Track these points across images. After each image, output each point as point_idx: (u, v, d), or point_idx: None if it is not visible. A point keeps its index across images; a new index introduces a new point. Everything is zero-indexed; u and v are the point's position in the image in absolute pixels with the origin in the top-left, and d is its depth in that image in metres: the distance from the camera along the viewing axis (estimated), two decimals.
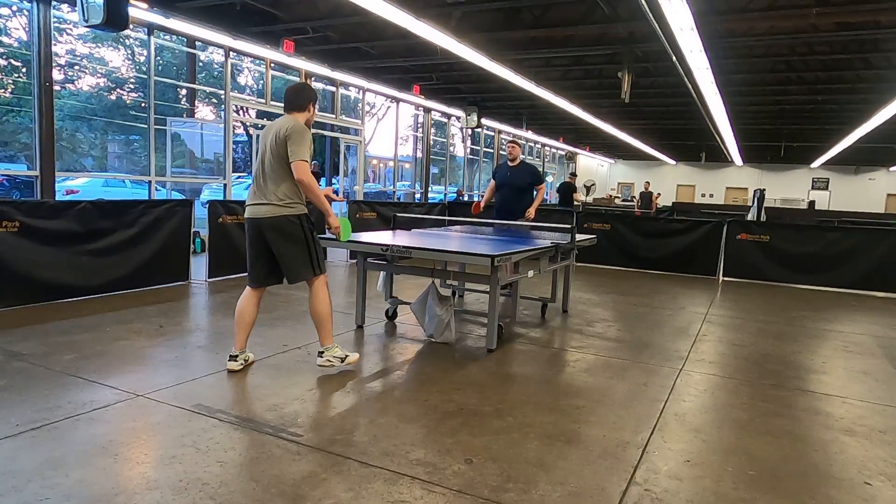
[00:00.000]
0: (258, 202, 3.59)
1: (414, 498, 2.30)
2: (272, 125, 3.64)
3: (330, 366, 3.72)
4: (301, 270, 3.64)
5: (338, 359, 3.74)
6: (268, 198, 3.55)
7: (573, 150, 27.45)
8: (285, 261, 3.63)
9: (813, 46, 9.67)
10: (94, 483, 2.30)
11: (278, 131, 3.52)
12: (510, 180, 6.32)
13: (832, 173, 28.13)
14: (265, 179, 3.58)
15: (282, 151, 3.49)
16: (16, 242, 5.01)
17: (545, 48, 10.13)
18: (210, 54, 20.37)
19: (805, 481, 2.60)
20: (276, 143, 3.51)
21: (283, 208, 3.54)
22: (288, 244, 3.59)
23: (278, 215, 3.54)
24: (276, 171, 3.53)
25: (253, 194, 3.63)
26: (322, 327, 3.71)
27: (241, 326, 3.73)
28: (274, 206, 3.54)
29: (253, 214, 3.61)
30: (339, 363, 3.73)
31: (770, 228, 8.96)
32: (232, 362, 3.68)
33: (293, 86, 3.86)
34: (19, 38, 19.03)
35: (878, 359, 4.76)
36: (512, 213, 6.20)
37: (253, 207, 3.62)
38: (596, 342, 4.87)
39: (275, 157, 3.53)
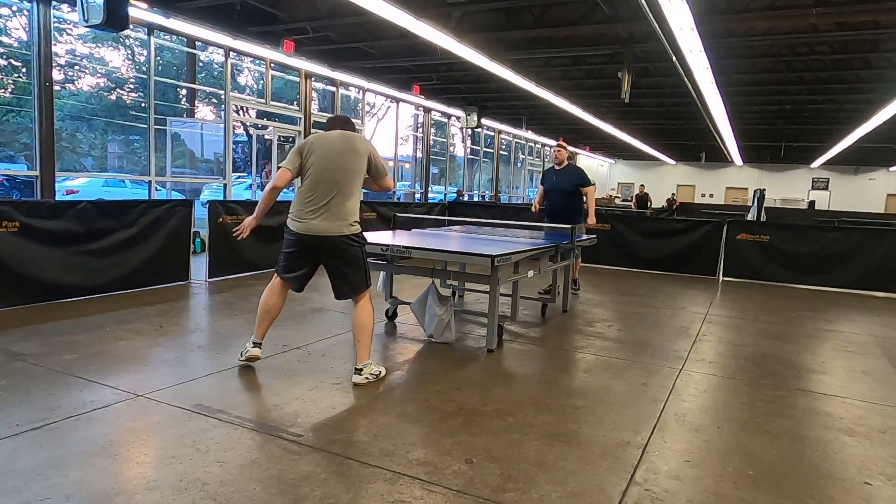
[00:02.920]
0: (323, 219, 3.46)
1: (414, 498, 2.30)
2: (339, 138, 3.56)
3: (367, 383, 3.53)
4: (359, 286, 3.59)
5: (374, 375, 3.59)
6: (337, 216, 3.47)
7: (573, 150, 27.43)
8: (348, 279, 3.57)
9: (813, 46, 9.67)
10: (94, 483, 2.30)
11: (354, 145, 3.51)
12: (557, 184, 6.43)
13: (832, 173, 28.12)
14: (334, 196, 3.46)
15: (360, 167, 3.49)
16: (16, 242, 5.01)
17: (545, 48, 10.13)
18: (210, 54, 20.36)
19: (805, 481, 2.60)
20: (354, 158, 3.49)
21: (351, 227, 3.51)
22: (350, 263, 3.54)
23: (346, 234, 3.48)
24: (347, 188, 3.47)
25: (314, 210, 3.47)
26: (362, 341, 3.58)
27: (266, 319, 3.74)
28: (343, 223, 3.48)
29: (315, 231, 3.48)
30: (374, 379, 3.58)
31: (770, 228, 8.96)
32: (256, 349, 3.73)
33: (343, 116, 3.95)
34: (19, 38, 19.02)
35: (878, 359, 4.76)
36: (562, 215, 6.18)
37: (316, 223, 3.47)
38: (596, 342, 4.87)
39: (348, 172, 3.48)
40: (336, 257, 3.53)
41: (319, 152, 3.50)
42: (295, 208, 3.56)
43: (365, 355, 3.57)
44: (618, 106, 14.57)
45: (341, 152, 3.50)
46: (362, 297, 3.60)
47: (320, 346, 4.33)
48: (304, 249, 3.57)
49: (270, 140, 12.30)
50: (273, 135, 11.94)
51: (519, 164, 23.88)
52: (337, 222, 3.46)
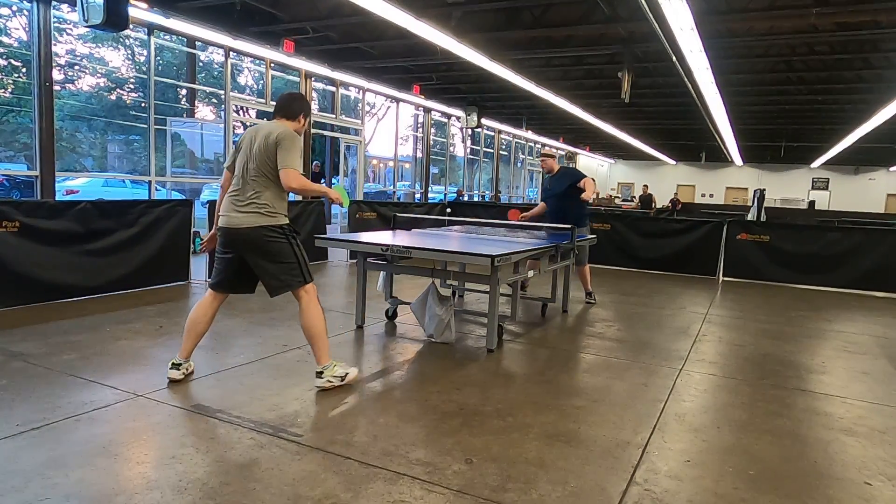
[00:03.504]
0: (235, 211, 3.32)
1: (414, 498, 2.30)
2: (258, 129, 3.42)
3: (331, 386, 3.40)
4: (286, 280, 3.36)
5: (338, 378, 3.43)
6: (246, 207, 3.29)
7: (573, 150, 27.44)
8: (267, 273, 3.35)
9: (813, 46, 9.68)
10: (94, 483, 2.30)
11: (267, 136, 3.30)
12: (551, 191, 6.36)
13: (832, 173, 28.14)
14: (244, 186, 3.33)
15: (269, 157, 3.28)
16: (16, 242, 5.01)
17: (545, 48, 10.14)
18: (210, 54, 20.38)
19: (805, 481, 2.60)
20: (264, 149, 3.29)
21: (263, 217, 3.28)
22: (270, 256, 3.33)
23: (258, 225, 3.28)
24: (258, 179, 3.30)
25: (228, 202, 3.37)
26: (316, 345, 3.40)
27: (191, 335, 3.47)
28: (253, 214, 3.28)
29: (229, 224, 3.32)
30: (338, 382, 3.43)
31: (770, 228, 8.96)
32: (174, 371, 3.43)
33: (288, 93, 3.71)
34: (19, 38, 19.02)
35: (878, 359, 4.76)
36: (564, 220, 5.90)
37: (229, 217, 3.33)
38: (596, 342, 4.87)
39: (258, 162, 3.30)
40: (256, 253, 3.33)
41: (242, 145, 3.43)
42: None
43: (322, 357, 3.41)
44: (618, 106, 14.58)
45: (254, 141, 3.34)
46: (302, 295, 3.39)
47: None
48: (227, 246, 3.40)
49: None
50: None
51: (519, 164, 23.89)
52: (252, 214, 3.27)
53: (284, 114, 3.49)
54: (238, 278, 3.47)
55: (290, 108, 3.51)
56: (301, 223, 7.90)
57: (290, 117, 3.49)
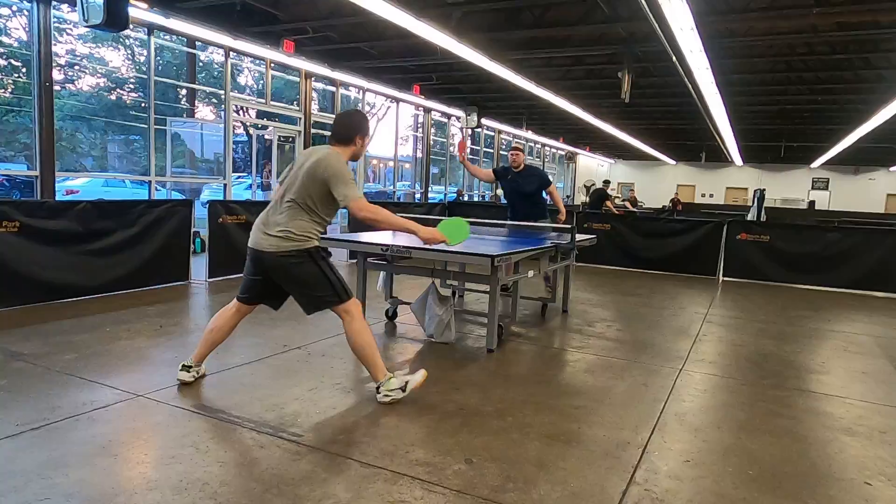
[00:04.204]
0: (262, 232, 3.16)
1: (414, 498, 2.30)
2: (312, 152, 3.22)
3: (391, 401, 3.21)
4: (318, 301, 3.20)
5: (398, 390, 3.22)
6: (273, 229, 3.12)
7: (573, 150, 27.44)
8: (297, 294, 3.25)
9: (813, 46, 9.68)
10: (94, 483, 2.30)
11: (316, 163, 3.09)
12: (520, 187, 6.33)
13: (832, 173, 28.14)
14: (276, 207, 3.18)
15: (312, 186, 3.09)
16: (16, 242, 5.01)
17: (545, 48, 10.13)
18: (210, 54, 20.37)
19: (805, 481, 2.60)
20: (309, 176, 3.08)
21: (287, 241, 3.09)
22: (295, 280, 3.17)
23: (281, 251, 3.09)
24: (293, 204, 3.12)
25: (262, 223, 3.20)
26: (366, 363, 3.24)
27: (207, 342, 3.38)
28: (277, 238, 3.09)
29: (254, 245, 3.18)
30: (400, 395, 3.23)
31: (770, 228, 8.97)
32: (184, 373, 3.35)
33: (344, 113, 3.44)
34: (19, 38, 19.03)
35: (878, 359, 4.76)
36: (528, 220, 6.18)
37: (256, 237, 3.18)
38: (596, 342, 4.87)
39: (299, 187, 3.11)
40: (281, 276, 3.19)
41: (295, 164, 3.29)
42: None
43: (377, 374, 3.24)
44: (618, 106, 14.57)
45: (304, 165, 3.17)
46: (342, 314, 3.20)
47: (320, 346, 4.33)
48: (254, 266, 3.26)
49: (270, 140, 12.30)
50: (273, 135, 11.95)
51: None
52: (276, 238, 3.10)
53: (338, 139, 3.26)
54: (265, 293, 3.35)
55: (345, 132, 3.25)
56: None
57: (345, 142, 3.25)
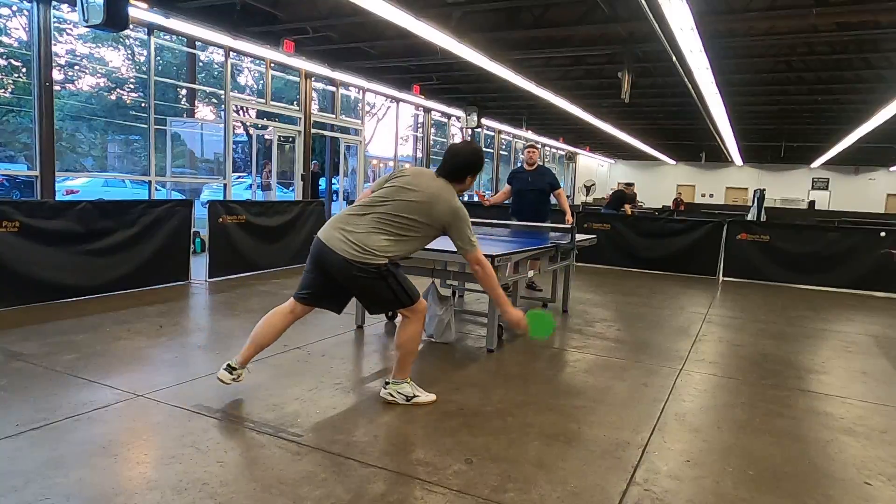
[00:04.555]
0: (339, 231, 3.01)
1: (414, 498, 2.30)
2: (422, 180, 3.09)
3: (392, 400, 3.24)
4: (382, 307, 3.32)
5: (403, 396, 3.23)
6: (350, 236, 2.98)
7: (573, 150, 27.44)
8: (361, 297, 3.21)
9: (813, 46, 9.68)
10: (94, 483, 2.30)
11: (434, 201, 3.02)
12: (531, 185, 6.46)
13: (832, 173, 28.13)
14: (363, 216, 3.03)
15: (419, 218, 3.02)
16: (16, 242, 5.01)
17: (545, 48, 10.13)
18: (210, 54, 20.38)
19: (805, 481, 2.60)
20: (423, 209, 3.01)
21: (363, 255, 2.96)
22: (359, 289, 3.11)
23: (355, 260, 2.95)
24: (384, 222, 3.01)
25: (341, 221, 3.07)
26: (400, 360, 3.24)
27: (254, 344, 3.20)
28: (356, 250, 2.96)
29: (326, 239, 3.02)
30: (402, 400, 3.23)
31: (770, 228, 8.96)
32: (226, 373, 3.20)
33: (465, 148, 3.36)
34: (19, 38, 19.03)
35: (878, 359, 4.76)
36: (536, 216, 6.30)
37: (328, 233, 3.04)
38: (596, 342, 4.87)
39: (402, 212, 3.01)
40: (344, 279, 3.05)
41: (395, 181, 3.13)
42: None
43: (399, 373, 3.25)
44: (618, 106, 14.57)
45: (411, 190, 3.05)
46: (405, 312, 3.17)
47: (320, 346, 4.33)
48: (316, 260, 3.10)
49: (270, 140, 12.30)
50: (273, 135, 11.95)
51: (519, 163, 23.87)
52: (350, 244, 2.97)
53: (450, 173, 3.19)
54: (327, 294, 3.19)
55: (462, 168, 3.19)
56: (301, 223, 7.92)
57: (458, 179, 3.19)
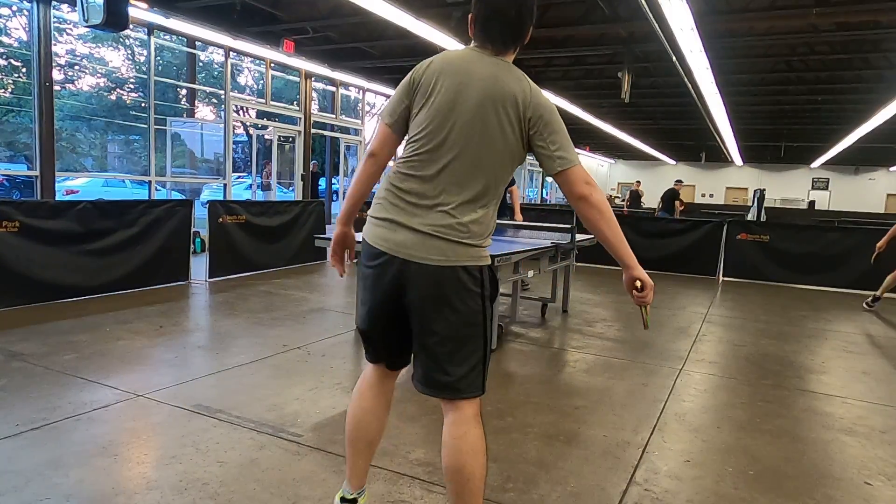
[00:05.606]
0: (421, 226, 1.75)
1: (414, 498, 2.30)
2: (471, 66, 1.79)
3: None
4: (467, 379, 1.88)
5: None
6: (445, 222, 1.75)
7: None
8: (451, 357, 1.83)
9: (813, 46, 9.69)
10: (94, 483, 2.30)
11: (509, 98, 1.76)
12: None
13: (832, 173, 28.14)
14: (450, 182, 1.76)
15: (513, 140, 1.78)
16: (16, 242, 5.01)
17: (545, 48, 10.13)
18: (210, 54, 20.37)
19: (805, 481, 2.60)
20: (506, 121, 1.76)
21: (468, 248, 1.78)
22: (459, 324, 1.81)
23: (458, 265, 1.77)
24: (478, 173, 1.77)
25: (406, 206, 1.78)
26: (462, 496, 1.84)
27: (359, 444, 1.98)
28: (455, 243, 1.76)
29: (405, 249, 1.76)
30: None
31: (770, 228, 8.96)
32: None
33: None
34: (19, 38, 19.03)
35: (878, 359, 4.76)
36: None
37: (405, 233, 1.76)
38: (596, 342, 4.87)
39: (487, 143, 1.76)
40: (435, 307, 1.78)
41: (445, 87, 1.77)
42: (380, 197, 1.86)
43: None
44: (618, 106, 14.58)
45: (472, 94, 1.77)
46: (469, 406, 1.89)
47: (320, 346, 4.33)
48: (389, 287, 1.82)
49: (270, 140, 12.31)
50: (273, 135, 11.95)
51: None
52: (448, 240, 1.75)
53: (512, 41, 1.84)
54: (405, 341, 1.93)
55: (526, 28, 1.86)
56: (301, 223, 7.91)
57: (516, 47, 1.88)
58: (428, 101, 1.79)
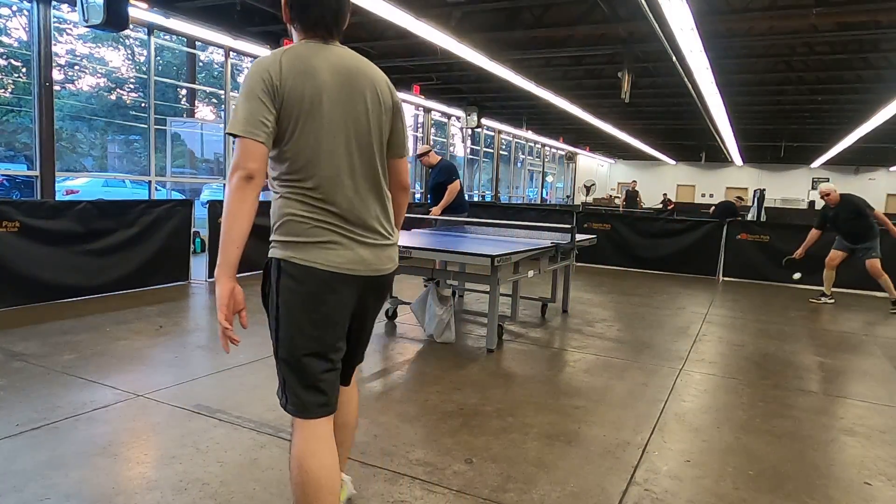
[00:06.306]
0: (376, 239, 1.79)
1: (414, 498, 2.30)
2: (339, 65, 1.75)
3: None
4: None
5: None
6: (384, 229, 1.82)
7: (573, 150, 27.44)
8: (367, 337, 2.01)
9: (813, 46, 9.68)
10: (94, 483, 2.30)
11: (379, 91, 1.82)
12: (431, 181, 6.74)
13: (832, 173, 28.10)
14: (367, 189, 1.78)
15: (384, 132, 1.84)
16: (16, 242, 5.01)
17: (545, 48, 10.13)
18: (210, 54, 20.38)
19: (805, 481, 2.60)
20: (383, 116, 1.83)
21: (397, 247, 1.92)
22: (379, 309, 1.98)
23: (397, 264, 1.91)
24: (380, 175, 1.81)
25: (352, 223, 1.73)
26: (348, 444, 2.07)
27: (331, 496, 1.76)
28: (395, 246, 1.89)
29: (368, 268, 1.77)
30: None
31: (770, 228, 8.96)
32: None
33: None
34: (19, 38, 19.04)
35: (877, 359, 4.76)
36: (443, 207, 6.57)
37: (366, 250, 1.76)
38: (596, 342, 4.87)
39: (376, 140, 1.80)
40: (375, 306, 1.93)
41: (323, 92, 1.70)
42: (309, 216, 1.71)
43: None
44: (618, 106, 14.56)
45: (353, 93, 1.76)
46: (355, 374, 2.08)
47: None
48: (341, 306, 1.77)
49: None
50: None
51: (519, 164, 23.88)
52: (392, 245, 1.87)
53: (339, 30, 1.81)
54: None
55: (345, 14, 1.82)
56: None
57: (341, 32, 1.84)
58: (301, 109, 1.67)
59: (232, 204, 1.60)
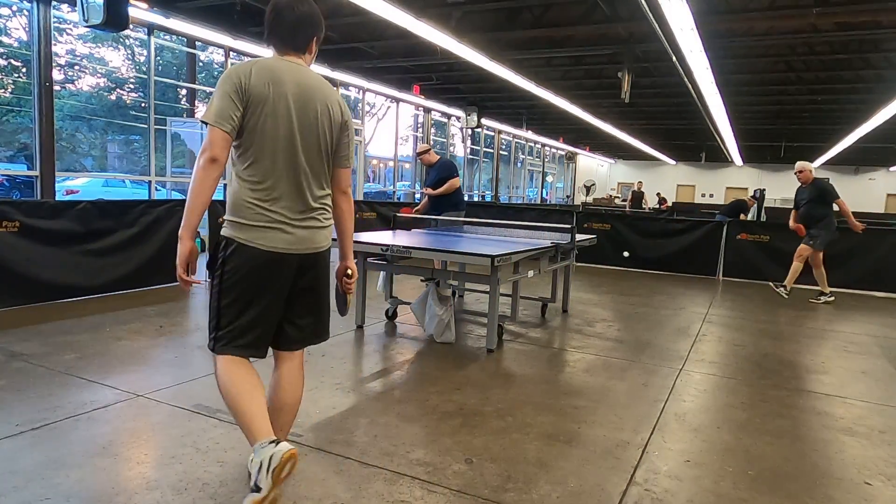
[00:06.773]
0: (309, 223, 2.15)
1: (414, 498, 2.30)
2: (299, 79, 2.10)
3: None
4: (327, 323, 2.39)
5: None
6: (320, 214, 2.20)
7: (573, 150, 27.45)
8: (324, 310, 2.34)
9: (813, 46, 9.68)
10: (94, 483, 2.30)
11: (330, 106, 2.16)
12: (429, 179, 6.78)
13: (832, 173, 28.04)
14: (311, 180, 2.14)
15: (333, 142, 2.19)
16: (16, 242, 5.01)
17: (545, 48, 10.14)
18: (210, 54, 20.37)
19: (805, 481, 2.60)
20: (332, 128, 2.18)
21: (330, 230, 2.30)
22: (326, 283, 2.32)
23: (329, 244, 2.30)
24: (324, 171, 2.19)
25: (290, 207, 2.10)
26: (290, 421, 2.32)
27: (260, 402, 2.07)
28: (328, 228, 2.27)
29: (298, 246, 2.13)
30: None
31: (770, 228, 8.97)
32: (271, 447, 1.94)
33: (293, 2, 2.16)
34: (19, 38, 19.04)
35: (877, 359, 4.76)
36: (437, 213, 6.64)
37: (300, 231, 2.12)
38: (596, 342, 4.87)
39: (323, 147, 2.16)
40: (321, 279, 2.28)
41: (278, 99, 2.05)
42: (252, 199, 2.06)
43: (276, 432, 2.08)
44: (618, 106, 14.58)
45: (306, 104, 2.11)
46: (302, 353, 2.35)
47: (320, 345, 4.30)
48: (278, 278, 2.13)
49: None
50: None
51: (519, 164, 23.89)
52: (325, 227, 2.25)
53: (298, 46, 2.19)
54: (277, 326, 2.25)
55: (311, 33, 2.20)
56: None
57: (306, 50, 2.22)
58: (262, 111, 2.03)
59: (197, 180, 2.00)
